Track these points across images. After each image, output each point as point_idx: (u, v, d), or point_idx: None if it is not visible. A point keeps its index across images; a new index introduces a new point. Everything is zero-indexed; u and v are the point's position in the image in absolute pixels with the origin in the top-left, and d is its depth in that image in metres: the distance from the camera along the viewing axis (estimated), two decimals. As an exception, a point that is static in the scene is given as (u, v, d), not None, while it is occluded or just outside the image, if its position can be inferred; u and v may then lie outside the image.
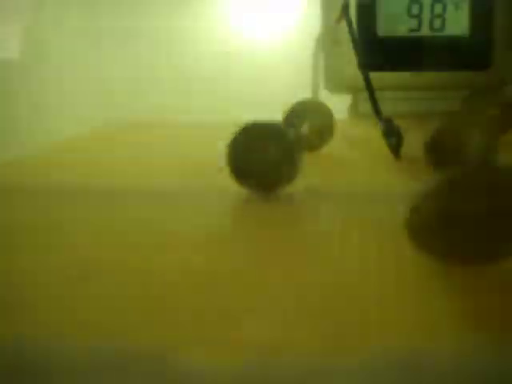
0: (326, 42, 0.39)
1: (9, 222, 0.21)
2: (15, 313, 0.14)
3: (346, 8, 0.31)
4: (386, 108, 0.29)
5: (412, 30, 0.38)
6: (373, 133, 0.31)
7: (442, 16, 0.38)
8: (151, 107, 0.46)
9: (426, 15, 0.38)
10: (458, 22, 0.37)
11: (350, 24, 0.31)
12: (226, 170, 0.23)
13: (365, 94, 0.30)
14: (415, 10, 0.38)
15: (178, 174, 0.28)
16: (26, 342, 0.13)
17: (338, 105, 0.39)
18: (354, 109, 0.41)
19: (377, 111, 0.29)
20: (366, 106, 0.32)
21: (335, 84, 0.40)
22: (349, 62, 0.34)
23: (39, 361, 0.12)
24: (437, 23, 0.38)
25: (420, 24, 0.38)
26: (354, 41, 0.30)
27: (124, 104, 0.46)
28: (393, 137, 0.28)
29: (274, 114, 0.27)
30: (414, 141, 0.27)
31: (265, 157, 0.22)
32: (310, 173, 0.25)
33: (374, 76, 0.30)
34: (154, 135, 0.37)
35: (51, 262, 0.17)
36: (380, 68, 0.36)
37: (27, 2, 0.32)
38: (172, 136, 0.37)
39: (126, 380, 0.11)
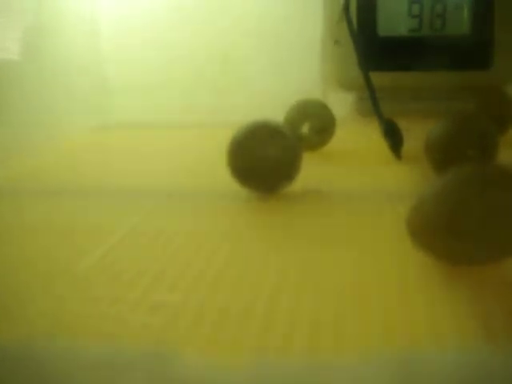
0: (327, 41, 0.39)
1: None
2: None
3: (346, 8, 0.31)
4: (386, 108, 0.29)
5: (412, 30, 0.38)
6: (373, 133, 0.31)
7: (442, 16, 0.38)
8: (152, 107, 0.46)
9: (427, 15, 0.38)
10: (458, 22, 0.37)
11: (350, 24, 0.31)
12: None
13: (365, 94, 0.30)
14: (415, 10, 0.38)
15: (179, 174, 0.28)
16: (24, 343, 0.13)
17: (339, 104, 0.39)
18: (354, 109, 0.41)
19: (377, 111, 0.29)
20: (366, 106, 0.32)
21: (336, 84, 0.40)
22: (349, 62, 0.34)
23: (38, 361, 0.12)
24: (437, 23, 0.38)
25: (420, 24, 0.38)
26: (354, 41, 0.30)
27: (124, 104, 0.46)
28: (393, 137, 0.28)
29: (275, 114, 0.27)
30: (414, 141, 0.27)
31: (265, 157, 0.22)
32: (310, 173, 0.25)
33: (375, 76, 0.30)
34: (154, 135, 0.37)
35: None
36: (380, 68, 0.36)
37: (27, 2, 0.32)
38: (172, 136, 0.37)
39: (125, 380, 0.11)
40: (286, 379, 0.11)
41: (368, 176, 0.26)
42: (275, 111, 0.29)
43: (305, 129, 0.30)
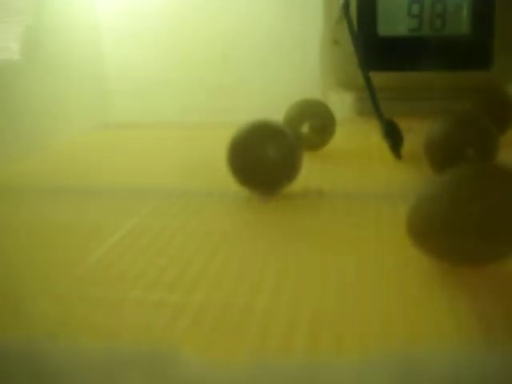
0: (327, 41, 0.39)
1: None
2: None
3: (346, 8, 0.31)
4: (386, 108, 0.29)
5: (412, 30, 0.38)
6: (373, 133, 0.31)
7: (442, 16, 0.38)
8: (152, 108, 0.46)
9: (427, 15, 0.38)
10: (458, 22, 0.37)
11: (350, 24, 0.31)
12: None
13: (365, 94, 0.30)
14: (415, 9, 0.38)
15: (179, 174, 0.28)
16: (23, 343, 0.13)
17: (339, 104, 0.39)
18: (354, 109, 0.41)
19: (377, 111, 0.29)
20: (366, 106, 0.32)
21: (336, 84, 0.40)
22: (349, 62, 0.34)
23: (38, 361, 0.12)
24: (437, 23, 0.38)
25: (420, 24, 0.38)
26: (354, 41, 0.30)
27: (124, 104, 0.46)
28: (393, 137, 0.28)
29: (275, 114, 0.27)
30: (414, 141, 0.27)
31: (265, 157, 0.22)
32: (310, 173, 0.25)
33: (374, 76, 0.30)
34: (154, 135, 0.37)
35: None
36: (380, 68, 0.36)
37: (27, 2, 0.32)
38: (172, 136, 0.37)
39: (125, 380, 0.11)
40: (286, 379, 0.11)
41: (368, 176, 0.26)
42: (275, 111, 0.29)
43: (305, 129, 0.30)
